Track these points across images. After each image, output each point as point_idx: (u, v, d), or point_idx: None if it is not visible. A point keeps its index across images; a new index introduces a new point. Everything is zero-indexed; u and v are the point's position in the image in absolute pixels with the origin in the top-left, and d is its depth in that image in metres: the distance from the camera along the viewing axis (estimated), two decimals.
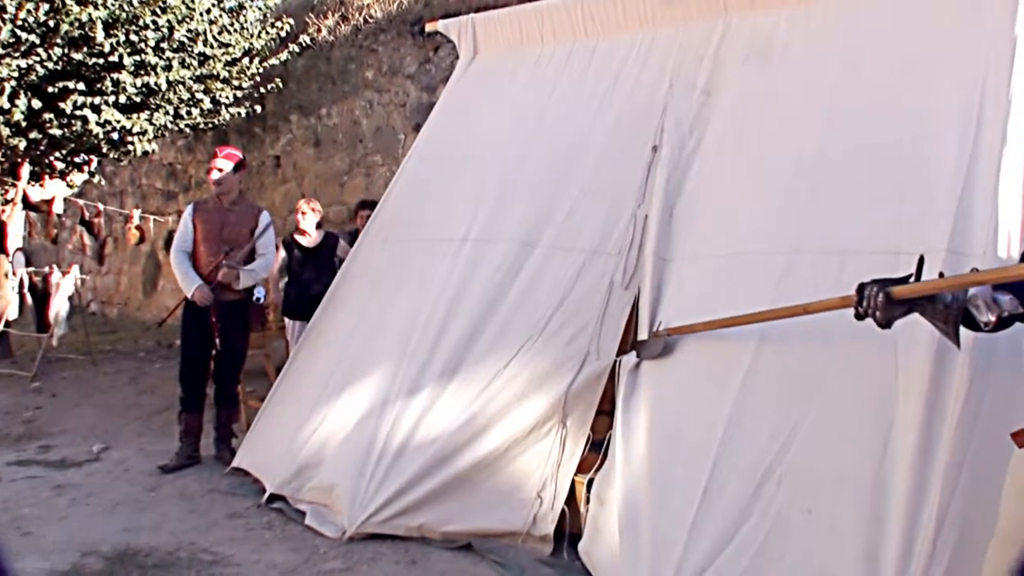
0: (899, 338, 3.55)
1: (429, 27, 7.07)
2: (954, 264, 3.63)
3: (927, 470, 3.45)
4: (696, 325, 4.28)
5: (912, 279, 3.01)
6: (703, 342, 4.34)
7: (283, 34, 10.90)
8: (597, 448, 4.71)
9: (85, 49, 9.28)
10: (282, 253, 7.77)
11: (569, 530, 4.68)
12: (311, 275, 7.55)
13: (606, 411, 4.75)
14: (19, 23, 8.80)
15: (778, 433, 3.88)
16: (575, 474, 4.72)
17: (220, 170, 6.50)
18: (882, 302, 2.97)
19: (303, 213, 7.73)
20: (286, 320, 7.85)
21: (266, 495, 5.56)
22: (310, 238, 7.75)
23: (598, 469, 4.61)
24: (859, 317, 3.09)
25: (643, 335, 4.61)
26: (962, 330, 3.03)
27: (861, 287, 3.07)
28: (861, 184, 4.20)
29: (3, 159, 10.28)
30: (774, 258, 4.25)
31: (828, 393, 3.85)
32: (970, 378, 3.48)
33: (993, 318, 2.88)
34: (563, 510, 4.68)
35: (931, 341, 3.56)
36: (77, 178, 12.19)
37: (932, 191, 3.94)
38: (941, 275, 3.07)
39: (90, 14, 9.02)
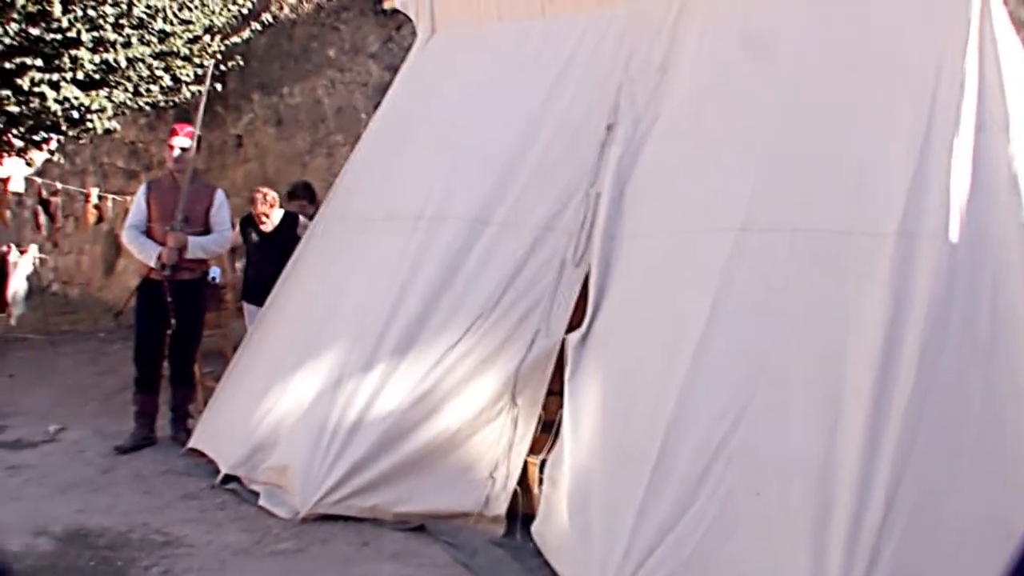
0: (850, 317, 3.55)
1: (387, 4, 7.02)
2: (905, 246, 3.64)
3: (876, 453, 3.46)
4: None
5: None
6: (652, 319, 4.32)
7: (245, 11, 10.73)
8: (549, 428, 4.70)
9: (43, 24, 9.08)
10: (237, 233, 7.62)
11: (522, 511, 4.68)
12: (267, 259, 7.32)
13: (557, 391, 4.74)
14: None
15: (727, 412, 3.87)
16: (528, 455, 4.72)
17: (184, 148, 6.45)
18: None
19: (267, 210, 7.45)
20: (244, 303, 7.70)
21: (220, 476, 5.52)
22: (269, 223, 7.49)
23: (550, 450, 4.60)
24: None
25: (591, 312, 4.60)
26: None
27: None
28: (813, 164, 4.20)
29: None
30: (724, 236, 4.23)
31: (777, 372, 3.84)
32: (919, 360, 3.49)
33: None
34: (516, 491, 4.69)
35: (881, 321, 3.56)
36: (37, 157, 12.00)
37: (886, 172, 3.95)
38: None
39: None
